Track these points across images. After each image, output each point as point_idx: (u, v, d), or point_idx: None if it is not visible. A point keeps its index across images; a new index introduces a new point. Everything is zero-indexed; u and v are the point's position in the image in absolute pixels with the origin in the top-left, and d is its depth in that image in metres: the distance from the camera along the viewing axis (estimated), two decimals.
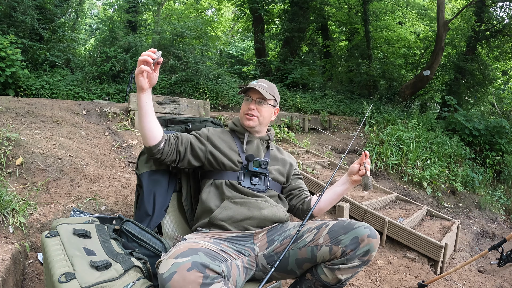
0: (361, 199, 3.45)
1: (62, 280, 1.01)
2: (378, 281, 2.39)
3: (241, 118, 1.57)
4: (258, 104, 1.52)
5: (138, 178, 1.58)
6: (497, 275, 3.03)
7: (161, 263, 0.99)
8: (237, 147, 1.54)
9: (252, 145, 1.56)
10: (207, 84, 8.03)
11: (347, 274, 1.23)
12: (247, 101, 1.55)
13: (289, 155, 1.72)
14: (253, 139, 1.57)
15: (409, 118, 6.90)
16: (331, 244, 1.22)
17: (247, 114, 1.53)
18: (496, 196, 5.61)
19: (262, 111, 1.53)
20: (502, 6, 9.39)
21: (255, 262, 1.34)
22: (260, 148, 1.57)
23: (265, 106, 1.54)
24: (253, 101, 1.53)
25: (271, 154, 1.60)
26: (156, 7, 13.40)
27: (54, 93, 6.89)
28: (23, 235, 1.82)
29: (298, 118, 6.36)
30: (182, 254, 0.97)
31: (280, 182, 1.58)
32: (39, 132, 2.96)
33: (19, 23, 7.35)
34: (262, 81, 1.57)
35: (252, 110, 1.52)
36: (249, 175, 1.48)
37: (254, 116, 1.52)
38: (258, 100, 1.52)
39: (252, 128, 1.55)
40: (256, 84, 1.53)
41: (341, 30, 12.90)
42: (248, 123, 1.53)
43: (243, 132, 1.57)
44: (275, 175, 1.55)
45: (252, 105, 1.52)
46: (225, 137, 1.56)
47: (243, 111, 1.55)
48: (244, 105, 1.55)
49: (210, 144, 1.51)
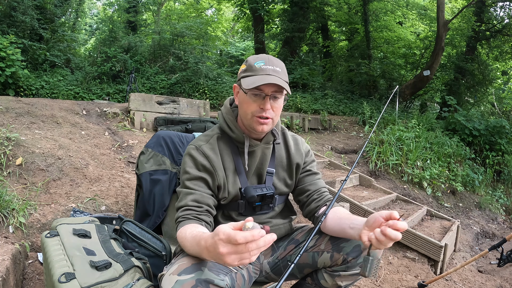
0: (361, 199, 3.45)
1: (62, 280, 1.01)
2: (378, 281, 2.39)
3: (247, 120, 1.15)
4: (273, 100, 1.11)
5: (138, 178, 1.58)
6: (497, 275, 3.03)
7: (163, 278, 0.94)
8: (235, 165, 1.21)
9: (254, 157, 1.23)
10: (207, 84, 8.03)
11: (347, 281, 1.21)
12: (257, 97, 1.10)
13: (297, 146, 1.34)
14: (256, 148, 1.22)
15: (409, 118, 6.90)
16: (332, 251, 1.19)
17: (260, 117, 1.12)
18: (496, 196, 5.61)
19: (277, 107, 1.13)
20: (502, 6, 9.40)
21: (259, 269, 1.33)
22: (265, 156, 1.25)
23: (280, 100, 1.14)
24: (267, 97, 1.10)
25: (277, 158, 1.29)
26: (156, 7, 13.39)
27: (54, 93, 6.89)
28: (23, 235, 1.82)
29: (298, 118, 6.36)
30: (185, 271, 0.92)
31: (285, 194, 1.35)
32: (39, 132, 2.96)
33: (19, 23, 7.36)
34: (271, 62, 1.12)
35: (267, 111, 1.11)
36: (251, 204, 1.23)
37: (269, 119, 1.13)
38: (273, 94, 1.10)
39: (264, 133, 1.18)
40: (269, 71, 1.09)
41: (341, 30, 12.89)
42: (262, 128, 1.13)
43: (242, 140, 1.20)
44: (280, 189, 1.29)
45: (267, 103, 1.10)
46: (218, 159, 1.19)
47: (251, 112, 1.12)
48: (252, 103, 1.11)
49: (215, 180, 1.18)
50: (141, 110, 4.18)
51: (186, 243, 0.98)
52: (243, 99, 1.14)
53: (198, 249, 0.90)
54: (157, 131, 2.13)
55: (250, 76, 1.11)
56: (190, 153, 1.18)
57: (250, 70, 1.12)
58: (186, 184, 1.15)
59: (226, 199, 1.21)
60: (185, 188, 1.14)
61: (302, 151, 1.33)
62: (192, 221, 1.08)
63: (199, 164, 1.16)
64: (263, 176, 1.27)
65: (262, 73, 1.09)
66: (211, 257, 0.83)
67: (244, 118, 1.16)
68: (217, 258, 0.80)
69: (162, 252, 1.31)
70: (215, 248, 0.77)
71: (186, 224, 1.06)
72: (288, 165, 1.31)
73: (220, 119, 1.25)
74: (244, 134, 1.20)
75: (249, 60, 1.15)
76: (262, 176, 1.27)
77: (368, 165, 4.69)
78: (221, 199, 1.20)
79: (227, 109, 1.25)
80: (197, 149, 1.18)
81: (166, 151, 1.61)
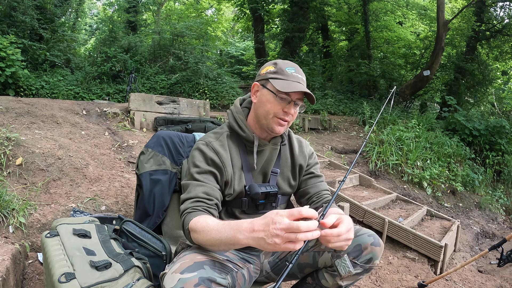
0: (361, 199, 3.45)
1: (62, 280, 1.01)
2: (378, 281, 2.39)
3: (267, 119, 1.18)
4: (295, 106, 1.18)
5: (138, 178, 1.58)
6: (497, 275, 3.03)
7: (165, 276, 0.95)
8: (242, 163, 1.23)
9: (262, 156, 1.26)
10: (207, 84, 8.03)
11: (348, 281, 1.21)
12: (284, 100, 1.15)
13: (301, 148, 1.37)
14: (265, 148, 1.26)
15: (409, 118, 6.90)
16: (333, 250, 1.18)
17: (281, 119, 1.17)
18: (496, 196, 5.61)
19: (295, 114, 1.20)
20: (502, 6, 9.39)
21: (260, 269, 1.33)
22: (271, 157, 1.28)
23: (299, 107, 1.21)
24: (291, 103, 1.16)
25: (282, 158, 1.33)
26: (156, 7, 13.39)
27: (54, 93, 6.89)
28: (23, 235, 1.82)
29: (298, 118, 6.36)
30: (188, 269, 0.93)
31: (288, 194, 1.37)
32: (39, 132, 2.96)
33: (19, 23, 7.36)
34: (299, 71, 1.19)
35: (289, 115, 1.17)
36: (255, 202, 1.25)
37: (287, 121, 1.19)
38: (298, 101, 1.17)
39: (280, 134, 1.23)
40: (299, 80, 1.16)
41: (341, 30, 12.89)
42: (279, 130, 1.19)
43: (251, 139, 1.23)
44: (283, 189, 1.32)
45: (292, 108, 1.16)
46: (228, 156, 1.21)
47: (274, 113, 1.16)
48: (278, 104, 1.15)
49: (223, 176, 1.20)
50: (141, 110, 4.18)
51: (207, 230, 0.98)
52: (267, 98, 1.17)
53: (232, 233, 0.92)
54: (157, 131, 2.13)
55: (283, 80, 1.15)
56: (199, 148, 1.20)
57: (281, 74, 1.16)
58: (196, 177, 1.15)
59: (231, 196, 1.22)
60: (195, 180, 1.15)
61: (306, 153, 1.36)
62: (202, 213, 1.08)
63: (208, 158, 1.17)
64: (268, 175, 1.29)
65: (293, 80, 1.15)
66: (257, 236, 0.86)
67: (264, 117, 1.19)
68: (266, 237, 0.83)
69: (162, 252, 1.31)
70: (272, 229, 0.82)
71: (199, 215, 1.06)
72: (292, 166, 1.34)
73: (230, 118, 1.28)
74: (254, 134, 1.23)
75: (280, 64, 1.19)
76: (267, 175, 1.29)
77: (368, 165, 4.69)
78: (227, 195, 1.22)
79: (237, 109, 1.28)
80: (207, 144, 1.20)
81: (166, 151, 1.61)
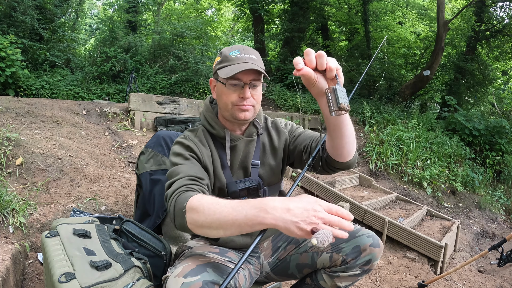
0: (361, 199, 3.45)
1: (62, 280, 1.01)
2: (378, 281, 2.38)
3: (228, 110, 1.12)
4: (252, 88, 1.10)
5: (138, 178, 1.58)
6: (497, 275, 3.03)
7: (168, 280, 0.94)
8: (220, 159, 1.19)
9: (237, 151, 1.21)
10: (207, 84, 8.03)
11: (346, 282, 1.20)
12: (237, 86, 1.09)
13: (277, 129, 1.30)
14: (238, 142, 1.20)
15: (409, 118, 6.90)
16: (331, 251, 1.18)
17: (241, 106, 1.10)
18: (496, 196, 5.61)
19: (257, 95, 1.13)
20: (502, 6, 9.39)
21: (260, 269, 1.34)
22: (248, 150, 1.23)
23: (259, 87, 1.13)
24: (246, 86, 1.08)
25: (262, 148, 1.27)
26: (156, 7, 13.38)
27: (54, 93, 6.89)
28: (23, 235, 1.82)
29: (298, 118, 6.36)
30: (191, 273, 0.92)
31: (275, 183, 1.32)
32: (39, 132, 2.96)
33: (19, 23, 7.36)
34: (246, 50, 1.12)
35: (248, 99, 1.10)
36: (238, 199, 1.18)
37: (249, 106, 1.11)
38: (252, 83, 1.09)
39: (247, 120, 1.15)
40: (246, 59, 1.08)
41: (341, 30, 12.88)
42: (245, 116, 1.11)
43: (223, 135, 1.19)
44: (268, 180, 1.27)
45: (247, 91, 1.09)
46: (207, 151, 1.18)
47: (231, 102, 1.10)
48: (232, 93, 1.09)
49: None
50: (141, 110, 4.18)
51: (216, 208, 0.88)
52: (221, 90, 1.12)
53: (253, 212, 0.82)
54: (157, 131, 2.13)
55: (227, 66, 1.09)
56: (178, 141, 1.17)
57: (225, 61, 1.11)
58: (180, 162, 1.11)
59: (215, 193, 1.20)
60: (180, 164, 1.10)
61: (283, 129, 1.30)
62: (198, 193, 0.99)
63: (188, 147, 1.15)
64: (249, 169, 1.25)
65: (238, 62, 1.08)
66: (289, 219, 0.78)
67: (225, 109, 1.14)
68: (302, 222, 0.77)
69: (162, 252, 1.31)
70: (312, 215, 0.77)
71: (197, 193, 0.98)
72: (273, 152, 1.28)
73: (202, 117, 1.25)
74: (225, 129, 1.19)
75: (224, 51, 1.13)
76: (248, 169, 1.25)
77: (368, 165, 4.69)
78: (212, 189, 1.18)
79: (206, 107, 1.25)
80: (186, 138, 1.18)
81: (166, 151, 1.61)
